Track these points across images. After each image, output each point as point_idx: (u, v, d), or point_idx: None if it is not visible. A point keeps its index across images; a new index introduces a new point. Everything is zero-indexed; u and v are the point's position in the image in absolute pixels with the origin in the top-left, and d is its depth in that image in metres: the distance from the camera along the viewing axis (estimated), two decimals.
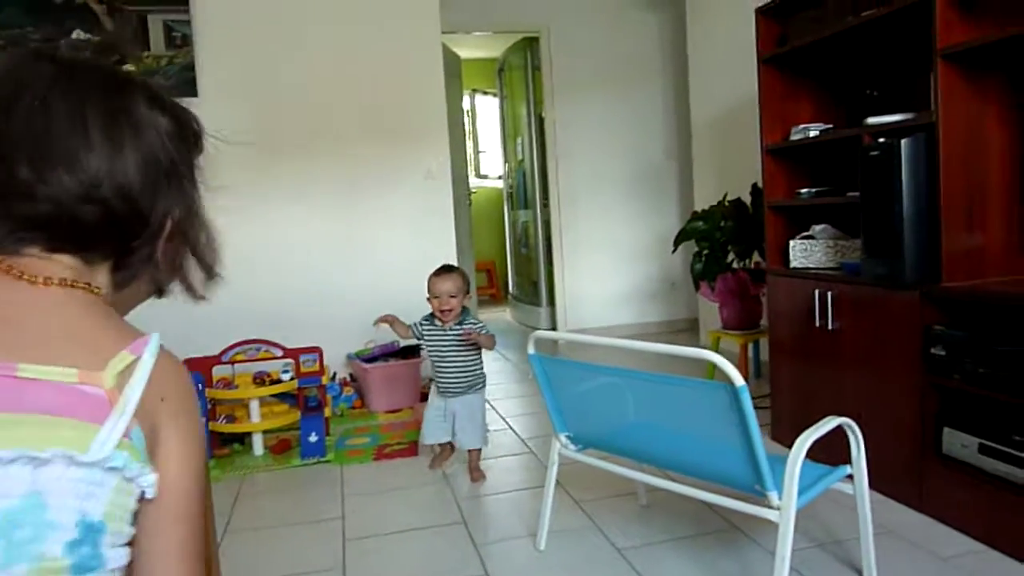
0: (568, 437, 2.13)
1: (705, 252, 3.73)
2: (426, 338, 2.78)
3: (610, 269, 5.58)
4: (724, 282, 3.59)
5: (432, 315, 2.75)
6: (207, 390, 3.21)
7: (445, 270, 2.75)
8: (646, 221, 5.55)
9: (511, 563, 2.11)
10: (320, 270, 4.18)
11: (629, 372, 1.83)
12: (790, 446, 1.63)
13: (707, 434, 1.75)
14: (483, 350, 2.78)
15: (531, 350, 2.05)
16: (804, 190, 2.71)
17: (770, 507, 1.65)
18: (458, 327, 2.70)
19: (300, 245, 4.16)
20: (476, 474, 2.76)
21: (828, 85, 2.87)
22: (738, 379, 1.54)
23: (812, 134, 2.64)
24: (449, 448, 2.90)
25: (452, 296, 2.68)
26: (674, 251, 3.93)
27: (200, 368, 3.26)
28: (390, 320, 2.79)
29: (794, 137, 2.71)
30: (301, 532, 2.42)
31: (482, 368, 2.81)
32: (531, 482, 2.73)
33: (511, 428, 3.43)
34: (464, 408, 2.75)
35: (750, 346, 3.83)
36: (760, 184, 2.93)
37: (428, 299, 2.73)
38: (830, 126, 2.68)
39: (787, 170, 2.84)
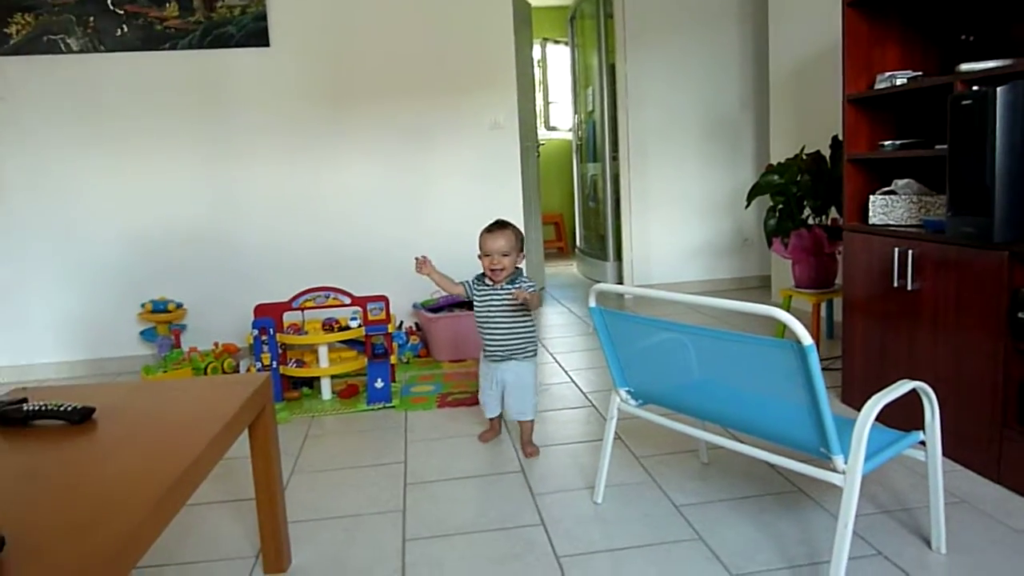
0: (628, 392, 2.11)
1: (780, 207, 3.60)
2: (476, 298, 2.57)
3: (680, 223, 5.46)
4: (798, 239, 3.46)
5: (483, 274, 2.56)
6: (278, 335, 3.30)
7: (497, 226, 2.53)
8: (719, 175, 5.39)
9: (567, 514, 2.12)
10: (387, 219, 4.22)
11: (692, 328, 1.79)
12: (860, 410, 1.57)
13: (772, 393, 1.70)
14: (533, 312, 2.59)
15: (592, 303, 2.02)
16: (887, 142, 2.56)
17: (835, 471, 1.60)
18: (509, 287, 2.50)
19: (368, 194, 4.20)
20: (529, 448, 2.58)
21: (919, 30, 2.69)
22: (806, 337, 1.48)
23: (899, 82, 2.48)
24: (497, 423, 2.73)
25: (504, 255, 2.47)
26: (747, 206, 3.80)
27: (271, 314, 3.35)
28: (427, 269, 2.58)
29: (879, 85, 2.55)
30: (364, 474, 2.48)
31: (534, 333, 2.59)
32: (591, 435, 2.72)
33: (573, 382, 3.43)
34: (513, 376, 2.56)
35: (823, 306, 3.70)
36: (841, 136, 2.79)
37: (479, 257, 2.53)
38: (919, 73, 2.51)
39: (870, 121, 2.69)
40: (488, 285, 2.54)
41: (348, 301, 3.41)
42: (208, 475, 1.38)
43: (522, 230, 2.53)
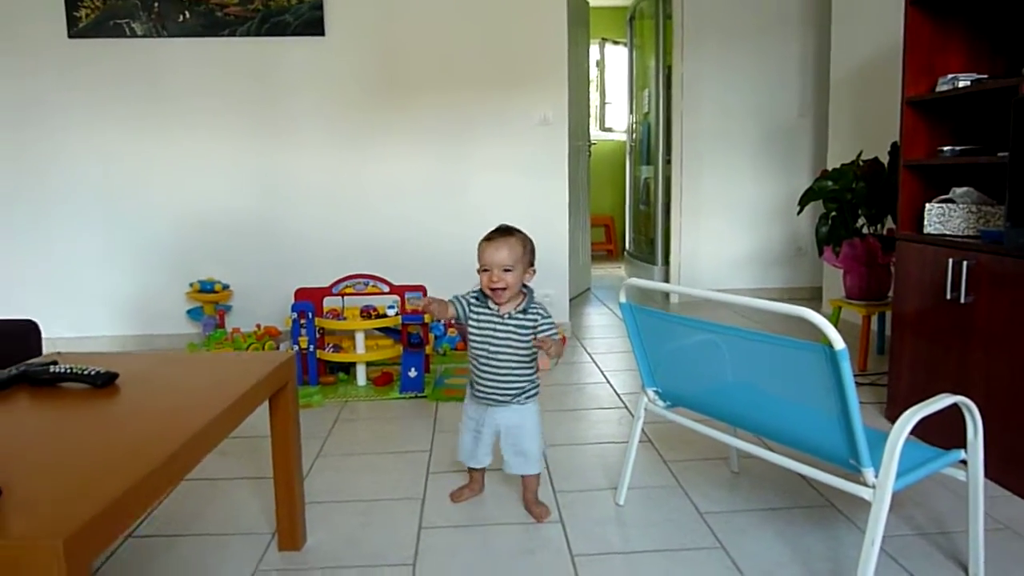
0: (656, 392, 2.05)
1: (833, 214, 3.48)
2: (473, 323, 1.99)
3: (731, 230, 5.34)
4: (851, 248, 3.34)
5: (481, 292, 1.99)
6: (317, 319, 3.33)
7: (500, 233, 1.97)
8: (773, 182, 5.25)
9: (587, 513, 2.07)
10: (431, 210, 4.22)
11: (720, 327, 1.72)
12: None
13: (801, 399, 1.63)
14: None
15: (622, 299, 1.97)
16: (947, 148, 2.44)
17: (864, 485, 1.52)
18: (520, 317, 1.96)
19: (413, 185, 4.21)
20: (538, 509, 2.05)
21: (984, 32, 2.56)
22: (837, 341, 1.41)
23: (962, 84, 2.36)
24: (479, 478, 2.18)
25: (506, 269, 1.91)
26: (799, 211, 3.68)
27: (311, 298, 3.39)
28: (425, 306, 1.97)
29: (941, 88, 2.44)
30: (388, 461, 2.48)
31: (536, 372, 2.07)
32: (620, 437, 2.67)
33: (608, 382, 3.38)
34: (513, 423, 2.02)
35: (874, 319, 3.57)
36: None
37: (478, 271, 1.98)
38: (983, 76, 2.39)
39: (929, 125, 2.57)
40: (490, 309, 1.97)
41: (387, 289, 3.42)
42: (220, 442, 1.38)
43: (531, 237, 2.02)
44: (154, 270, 4.18)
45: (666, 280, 5.62)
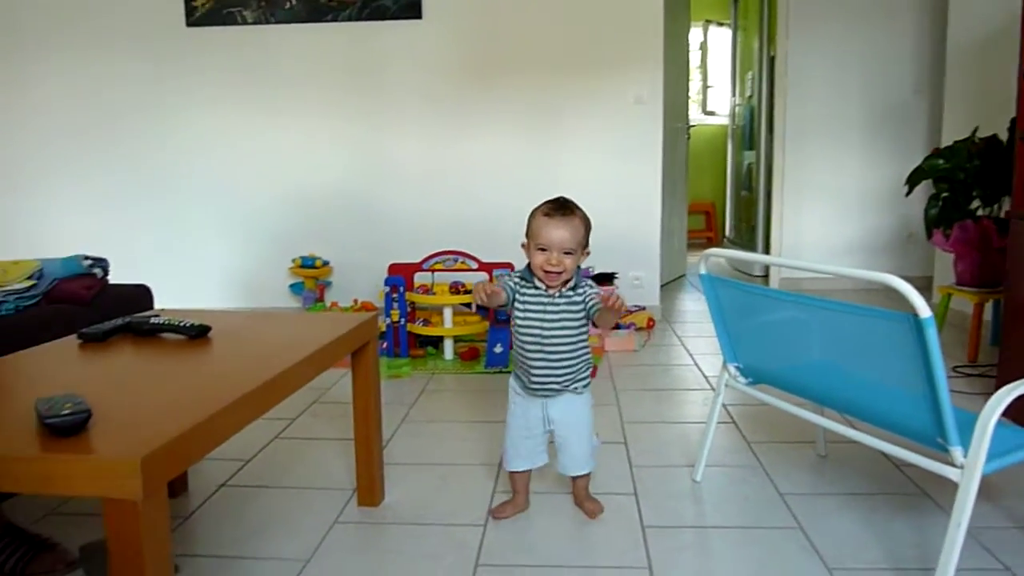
0: (738, 368, 2.00)
1: (944, 195, 3.28)
2: (521, 305, 1.79)
3: (836, 216, 5.12)
4: (962, 231, 3.13)
5: (530, 272, 1.79)
6: (407, 293, 3.42)
7: (562, 209, 1.76)
8: (883, 165, 4.98)
9: (662, 488, 2.05)
10: (523, 189, 4.23)
11: (801, 296, 1.66)
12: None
13: (886, 373, 1.55)
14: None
15: (703, 270, 1.93)
16: None
17: (952, 465, 1.44)
18: (571, 294, 1.77)
19: (506, 164, 4.24)
20: (591, 505, 1.90)
21: None
22: (923, 309, 1.34)
23: None
24: (524, 489, 1.93)
25: (567, 252, 1.72)
26: (908, 192, 3.48)
27: (403, 273, 3.48)
28: (477, 292, 1.75)
29: None
30: (468, 429, 2.53)
31: (590, 354, 1.87)
32: (702, 418, 2.61)
33: (696, 365, 3.31)
34: (566, 415, 1.84)
35: (988, 307, 3.34)
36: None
37: (524, 246, 1.80)
38: None
39: None
40: (538, 289, 1.78)
41: (475, 266, 3.48)
42: (297, 389, 1.44)
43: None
44: (260, 246, 4.40)
45: (765, 273, 5.45)
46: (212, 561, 1.71)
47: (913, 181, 3.36)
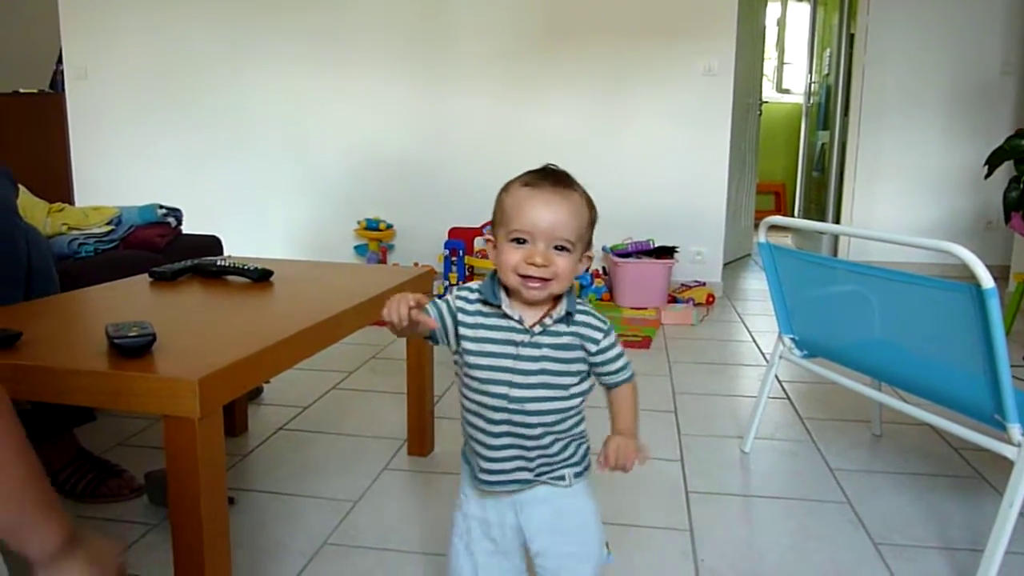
0: (793, 340, 1.97)
1: None
2: (472, 343, 1.03)
3: (911, 199, 4.94)
4: None
5: (495, 284, 1.03)
6: (466, 257, 3.46)
7: (553, 180, 1.02)
8: (964, 148, 4.77)
9: (709, 456, 2.04)
10: (583, 156, 4.19)
11: (859, 265, 1.63)
12: None
13: (946, 346, 1.51)
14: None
15: (761, 238, 1.90)
16: None
17: (1009, 443, 1.39)
18: (561, 329, 1.03)
19: (567, 130, 4.22)
20: None
21: None
22: (987, 280, 1.29)
23: None
24: None
25: (562, 247, 0.99)
26: (988, 175, 3.34)
27: (463, 237, 3.53)
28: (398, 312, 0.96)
29: None
30: None
31: (583, 424, 1.11)
32: (755, 392, 2.58)
33: (754, 342, 3.27)
34: (551, 525, 1.08)
35: None
36: None
37: (488, 240, 1.07)
38: None
39: None
40: (505, 318, 1.02)
41: None
42: (352, 332, 1.49)
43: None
44: (327, 206, 4.51)
45: (835, 251, 5.30)
46: (266, 496, 1.79)
47: (993, 162, 3.21)
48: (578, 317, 1.03)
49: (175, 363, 1.09)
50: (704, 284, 4.10)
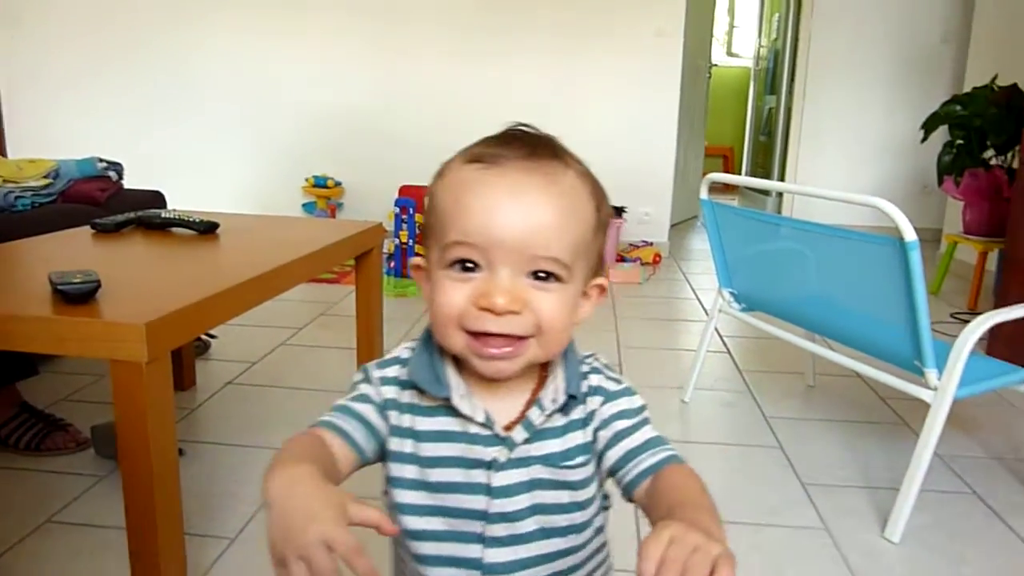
0: (732, 294, 2.05)
1: (959, 142, 3.25)
2: (397, 456, 0.65)
3: (853, 164, 5.07)
4: (973, 178, 3.12)
5: (430, 350, 0.66)
6: (416, 215, 3.46)
7: (523, 144, 0.61)
8: (903, 115, 4.90)
9: (650, 406, 2.09)
10: (535, 113, 4.12)
11: (792, 220, 1.70)
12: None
13: (872, 297, 1.59)
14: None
15: (703, 195, 1.96)
16: None
17: (926, 387, 1.49)
18: (560, 424, 0.63)
19: (515, 91, 4.21)
20: None
21: None
22: (908, 232, 1.37)
23: None
24: None
25: (549, 270, 0.58)
26: (924, 139, 3.45)
27: (413, 195, 3.52)
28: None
29: None
30: None
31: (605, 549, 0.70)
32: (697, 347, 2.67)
33: (698, 299, 3.37)
34: None
35: (992, 256, 3.35)
36: None
37: (417, 265, 0.66)
38: None
39: None
40: (444, 409, 0.64)
41: None
42: (299, 283, 1.50)
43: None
44: (274, 163, 4.44)
45: (778, 212, 5.43)
46: (215, 448, 1.80)
47: (929, 127, 3.33)
48: (589, 391, 0.64)
49: (121, 308, 1.10)
50: (651, 244, 4.17)
